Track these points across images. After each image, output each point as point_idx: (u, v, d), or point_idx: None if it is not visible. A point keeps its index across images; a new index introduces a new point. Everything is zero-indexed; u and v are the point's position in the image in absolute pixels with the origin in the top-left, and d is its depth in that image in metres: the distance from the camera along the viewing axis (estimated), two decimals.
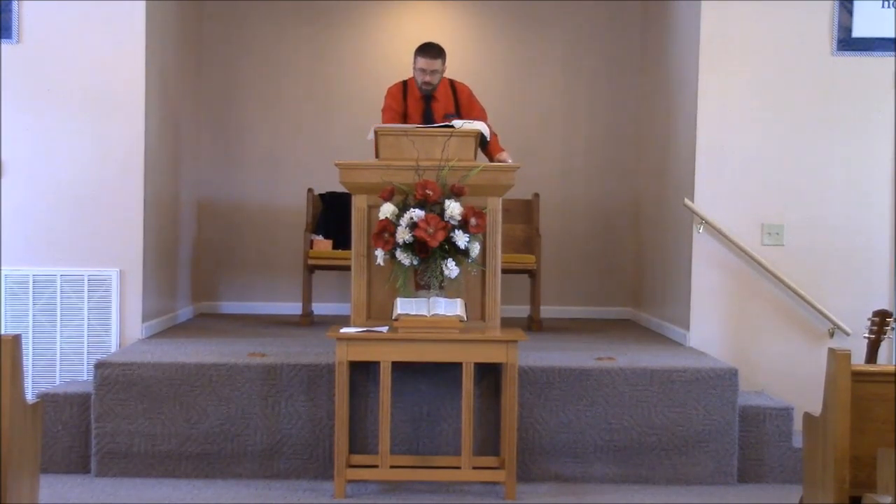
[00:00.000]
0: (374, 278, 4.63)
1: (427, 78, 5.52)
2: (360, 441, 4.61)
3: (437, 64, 5.51)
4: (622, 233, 7.25)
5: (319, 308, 6.66)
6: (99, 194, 5.38)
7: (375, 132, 4.77)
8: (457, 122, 4.86)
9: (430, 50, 5.52)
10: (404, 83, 5.67)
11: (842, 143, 5.50)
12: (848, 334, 5.39)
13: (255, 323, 6.44)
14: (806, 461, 3.56)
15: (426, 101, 5.59)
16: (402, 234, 4.34)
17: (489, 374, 4.63)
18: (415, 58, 5.55)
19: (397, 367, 4.43)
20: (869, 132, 5.49)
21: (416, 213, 4.34)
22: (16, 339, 3.17)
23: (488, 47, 7.25)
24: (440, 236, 4.30)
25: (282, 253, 7.13)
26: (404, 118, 5.52)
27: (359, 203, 4.64)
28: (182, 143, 6.49)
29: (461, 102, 5.59)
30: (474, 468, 4.39)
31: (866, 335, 4.39)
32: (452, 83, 5.67)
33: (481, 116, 5.53)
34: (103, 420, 4.60)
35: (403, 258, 4.36)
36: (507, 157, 5.35)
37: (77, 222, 5.37)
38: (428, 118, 5.47)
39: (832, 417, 3.23)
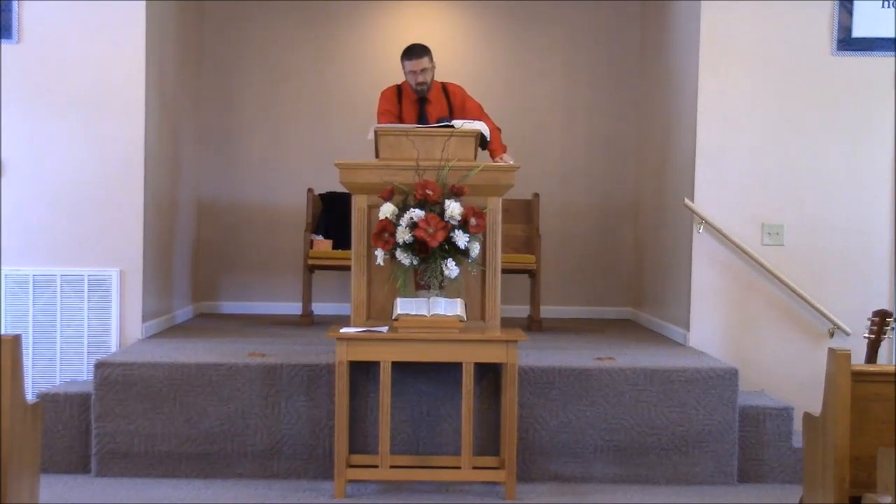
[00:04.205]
0: (374, 278, 4.63)
1: (419, 78, 5.53)
2: (360, 441, 4.61)
3: (424, 62, 5.52)
4: (622, 233, 7.25)
5: (319, 308, 6.66)
6: (99, 194, 5.38)
7: (375, 132, 4.77)
8: (457, 122, 4.86)
9: (414, 51, 5.54)
10: (398, 87, 5.68)
11: (842, 143, 5.50)
12: (848, 334, 5.39)
13: (255, 323, 6.44)
14: (806, 461, 3.56)
15: (421, 103, 5.60)
16: (402, 234, 4.33)
17: (489, 374, 4.63)
18: (402, 63, 5.57)
19: (397, 367, 4.43)
20: (869, 132, 5.49)
21: (416, 213, 4.33)
22: (16, 339, 3.17)
23: (488, 47, 7.25)
24: (440, 236, 4.30)
25: (282, 253, 7.13)
26: (399, 121, 5.51)
27: (359, 203, 4.64)
28: (182, 143, 6.49)
29: (454, 104, 5.60)
30: (474, 468, 4.38)
31: (866, 335, 4.38)
32: (444, 86, 5.67)
33: (477, 113, 5.53)
34: (103, 420, 4.60)
35: (403, 258, 4.36)
36: (507, 158, 5.36)
37: (77, 222, 5.37)
38: (423, 121, 5.48)
39: (832, 417, 3.23)
